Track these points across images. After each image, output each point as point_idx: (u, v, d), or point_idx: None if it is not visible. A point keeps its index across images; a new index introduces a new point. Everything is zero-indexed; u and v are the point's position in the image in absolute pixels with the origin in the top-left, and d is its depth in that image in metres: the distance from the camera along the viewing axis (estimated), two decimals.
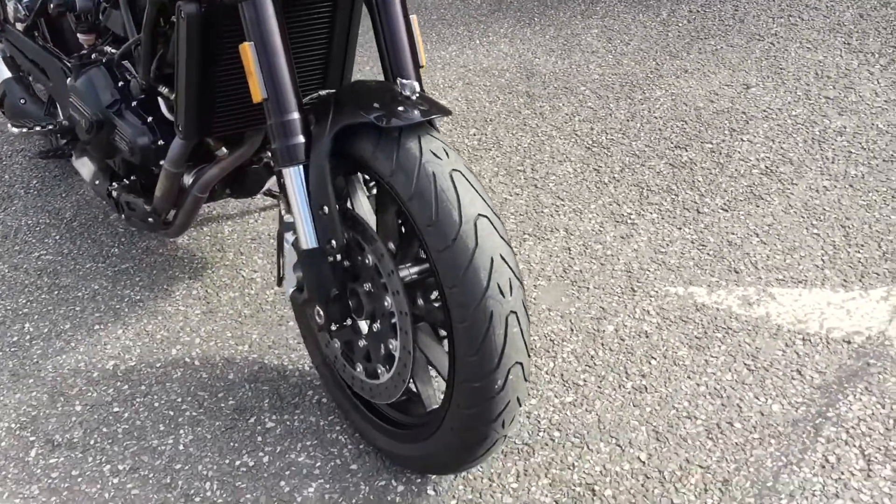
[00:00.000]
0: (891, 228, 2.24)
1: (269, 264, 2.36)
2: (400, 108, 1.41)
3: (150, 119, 1.90)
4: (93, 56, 2.06)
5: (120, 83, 1.97)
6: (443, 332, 1.57)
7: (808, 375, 1.84)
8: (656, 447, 1.71)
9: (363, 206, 1.61)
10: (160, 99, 1.86)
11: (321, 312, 1.57)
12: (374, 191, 1.60)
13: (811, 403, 1.77)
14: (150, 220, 1.97)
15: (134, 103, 1.95)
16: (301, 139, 1.48)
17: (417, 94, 1.42)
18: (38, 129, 2.20)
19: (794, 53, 3.07)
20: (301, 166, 1.49)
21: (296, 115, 1.49)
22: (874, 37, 3.10)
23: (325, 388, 1.87)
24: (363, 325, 1.62)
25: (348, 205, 1.60)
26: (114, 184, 2.15)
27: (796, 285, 2.09)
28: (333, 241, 1.49)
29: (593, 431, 1.76)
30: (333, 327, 1.57)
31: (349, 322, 1.58)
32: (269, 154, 2.08)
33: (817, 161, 2.52)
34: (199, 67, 1.64)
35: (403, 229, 1.55)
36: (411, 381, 1.59)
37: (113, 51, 1.97)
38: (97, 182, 2.23)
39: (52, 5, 2.16)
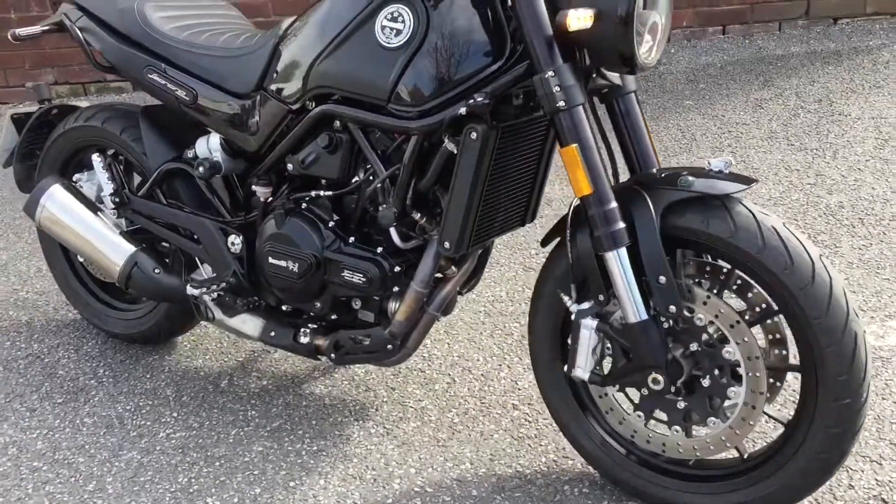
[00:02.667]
0: None
1: (429, 392, 2.39)
2: (718, 181, 1.66)
3: (379, 250, 1.98)
4: (282, 204, 2.10)
5: (331, 223, 2.03)
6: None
7: None
8: None
9: None
10: (392, 230, 1.95)
11: (658, 378, 1.71)
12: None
13: None
14: (388, 347, 1.99)
15: (352, 238, 2.02)
16: (622, 224, 1.67)
17: (730, 169, 1.68)
18: (223, 285, 2.14)
19: (757, 157, 3.67)
20: (624, 248, 1.68)
21: (614, 204, 1.68)
22: (807, 137, 3.80)
23: (606, 473, 1.93)
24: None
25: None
26: (303, 329, 2.14)
27: None
28: (672, 307, 1.66)
29: None
30: (672, 389, 1.71)
31: (682, 381, 1.72)
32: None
33: (842, 228, 3.03)
34: (484, 184, 1.79)
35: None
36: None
37: (319, 193, 2.03)
38: (273, 333, 2.19)
39: (201, 169, 2.20)
